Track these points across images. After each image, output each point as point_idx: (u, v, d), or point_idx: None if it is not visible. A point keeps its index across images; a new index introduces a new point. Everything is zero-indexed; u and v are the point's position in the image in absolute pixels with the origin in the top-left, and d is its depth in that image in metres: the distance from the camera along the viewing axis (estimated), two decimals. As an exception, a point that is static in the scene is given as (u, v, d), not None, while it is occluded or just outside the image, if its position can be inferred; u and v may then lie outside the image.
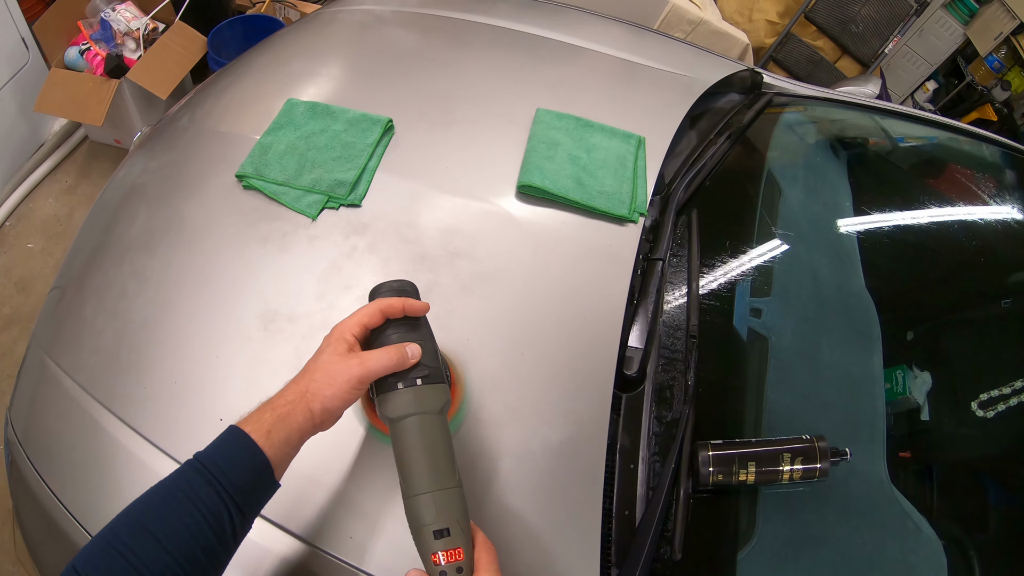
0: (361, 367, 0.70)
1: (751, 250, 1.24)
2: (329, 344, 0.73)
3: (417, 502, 0.69)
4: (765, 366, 1.12)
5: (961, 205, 1.51)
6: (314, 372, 0.71)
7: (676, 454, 0.94)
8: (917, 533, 1.01)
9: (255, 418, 0.68)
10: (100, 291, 1.08)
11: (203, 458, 0.65)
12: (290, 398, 0.69)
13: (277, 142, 1.20)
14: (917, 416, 1.13)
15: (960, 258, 1.42)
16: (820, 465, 0.92)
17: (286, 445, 0.67)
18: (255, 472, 0.65)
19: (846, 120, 1.72)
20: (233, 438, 0.66)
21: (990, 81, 3.75)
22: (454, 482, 0.71)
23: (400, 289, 0.80)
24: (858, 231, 1.39)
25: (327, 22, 1.60)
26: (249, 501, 0.65)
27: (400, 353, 0.72)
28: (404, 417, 0.72)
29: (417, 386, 0.73)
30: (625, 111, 1.37)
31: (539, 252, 1.10)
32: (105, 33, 2.45)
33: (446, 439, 0.73)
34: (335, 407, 0.70)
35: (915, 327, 1.29)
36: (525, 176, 1.16)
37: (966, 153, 1.73)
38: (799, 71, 3.03)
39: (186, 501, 0.62)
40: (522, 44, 1.53)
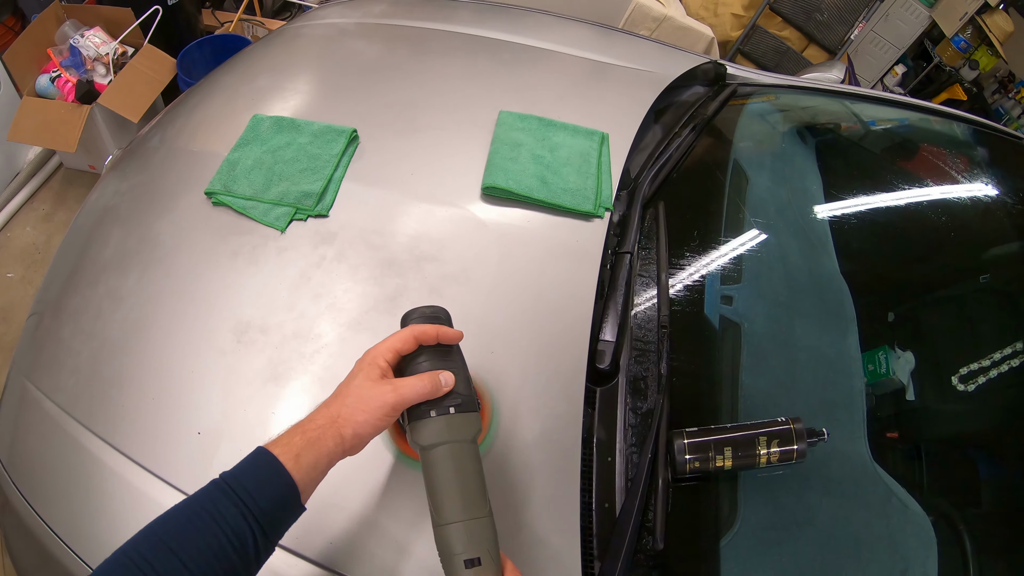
0: (395, 394, 0.69)
1: (720, 239, 1.25)
2: (362, 369, 0.72)
3: (448, 531, 0.68)
4: (739, 352, 1.13)
5: (933, 184, 1.53)
6: (346, 397, 0.70)
7: (652, 444, 0.94)
8: (903, 510, 1.02)
9: (284, 441, 0.67)
10: (77, 313, 1.09)
11: (229, 479, 0.65)
12: (320, 422, 0.68)
13: (244, 158, 1.21)
14: (902, 396, 1.14)
15: (936, 236, 1.43)
16: (797, 447, 0.92)
17: (314, 470, 0.67)
18: (281, 495, 0.65)
19: (811, 106, 1.74)
20: (261, 460, 0.66)
21: (958, 61, 3.80)
22: (485, 511, 0.71)
23: (433, 315, 0.79)
24: (829, 215, 1.40)
25: (292, 38, 1.61)
26: (274, 524, 0.65)
27: (434, 381, 0.72)
28: (436, 445, 0.71)
29: (450, 414, 0.72)
30: (589, 109, 1.39)
31: (506, 252, 1.11)
32: (75, 59, 2.44)
33: (478, 468, 0.73)
34: (366, 433, 0.69)
35: (895, 308, 1.30)
36: (489, 178, 1.17)
37: (933, 132, 1.75)
38: (767, 62, 3.06)
39: (210, 521, 0.61)
40: (485, 49, 1.54)
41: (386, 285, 1.05)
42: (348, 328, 1.01)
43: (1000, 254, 1.40)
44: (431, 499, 0.71)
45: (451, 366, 0.75)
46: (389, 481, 0.90)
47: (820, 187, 1.47)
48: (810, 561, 0.98)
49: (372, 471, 0.90)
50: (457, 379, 0.74)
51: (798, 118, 1.70)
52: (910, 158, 1.70)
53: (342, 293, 1.04)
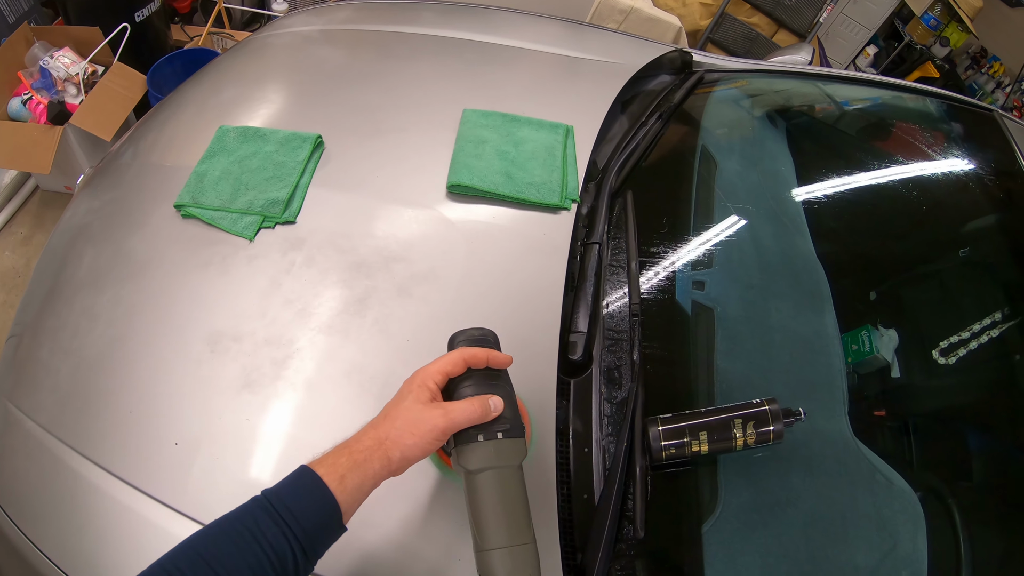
0: (446, 418, 0.69)
1: (689, 225, 1.26)
2: (411, 391, 0.71)
3: (491, 556, 0.68)
4: (712, 336, 1.13)
5: (907, 161, 1.52)
6: (395, 419, 0.69)
7: (628, 432, 0.94)
8: (888, 486, 1.01)
9: (330, 461, 0.66)
10: (54, 332, 1.09)
11: (272, 496, 0.64)
12: (368, 444, 0.68)
13: (212, 169, 1.21)
14: (888, 374, 1.13)
15: (914, 213, 1.43)
16: (773, 427, 0.92)
17: (358, 491, 0.66)
18: (324, 516, 0.64)
19: (780, 89, 1.75)
20: (305, 479, 0.65)
21: (929, 39, 3.83)
22: (529, 538, 0.70)
23: (481, 338, 0.79)
24: (802, 196, 1.40)
25: (256, 48, 1.62)
26: (315, 545, 0.64)
27: (484, 406, 0.71)
28: (482, 470, 0.71)
29: (498, 439, 0.72)
30: (554, 103, 1.39)
31: (473, 249, 1.11)
32: (45, 81, 2.43)
33: (523, 494, 0.72)
34: (414, 456, 0.69)
35: (877, 286, 1.30)
36: (454, 176, 1.18)
37: (905, 109, 1.76)
38: (737, 49, 3.07)
39: (251, 539, 0.61)
40: (449, 50, 1.55)
41: (355, 287, 1.05)
42: (319, 332, 1.01)
43: (978, 227, 1.40)
44: (475, 524, 0.70)
45: (500, 391, 0.75)
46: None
47: (792, 169, 1.46)
48: (795, 542, 0.98)
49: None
50: (506, 404, 0.74)
51: (767, 102, 1.70)
52: (882, 136, 1.70)
53: (312, 298, 1.04)
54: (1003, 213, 1.39)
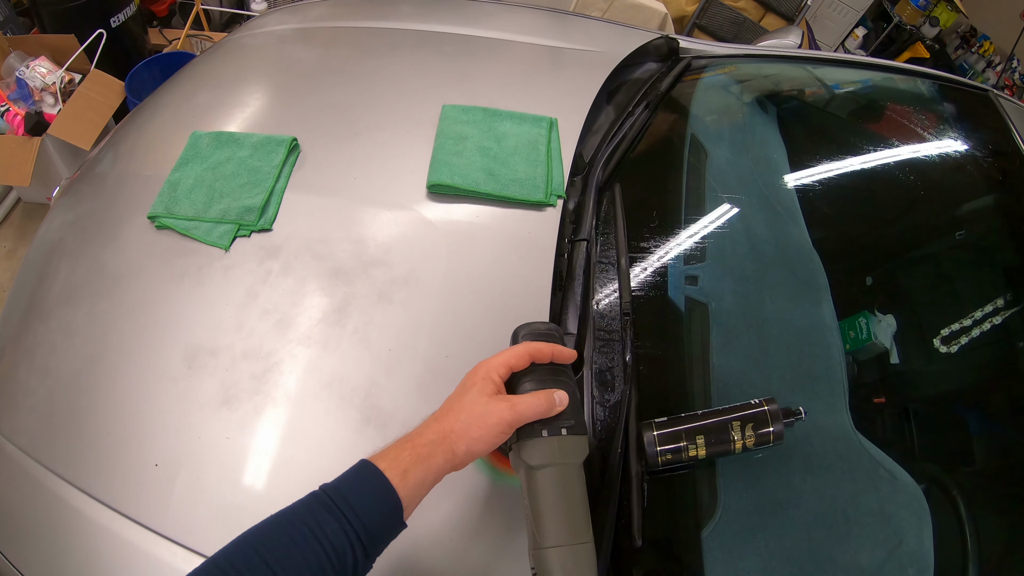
0: (512, 412, 0.67)
1: (680, 218, 1.22)
2: (475, 384, 0.70)
3: (551, 554, 0.67)
4: (707, 333, 1.09)
5: (900, 143, 1.49)
6: (460, 413, 0.68)
7: (622, 438, 0.91)
8: (892, 480, 0.98)
9: (392, 455, 0.65)
10: (31, 350, 1.07)
11: (332, 492, 0.62)
12: (432, 438, 0.66)
13: (185, 177, 1.18)
14: (887, 360, 1.10)
15: (908, 196, 1.39)
16: (773, 429, 0.88)
17: (421, 487, 0.65)
18: (386, 513, 0.63)
19: (770, 74, 1.71)
20: (367, 475, 0.64)
21: (918, 20, 3.79)
22: (588, 537, 0.69)
23: (547, 332, 0.78)
24: (795, 183, 1.36)
25: (230, 50, 1.58)
26: (375, 542, 0.63)
27: (550, 400, 0.70)
28: (545, 466, 0.69)
29: (562, 435, 0.71)
30: (537, 95, 1.35)
31: (455, 250, 1.08)
32: (22, 92, 2.39)
33: (584, 493, 0.71)
34: (480, 450, 0.67)
35: (873, 271, 1.26)
36: (434, 175, 1.14)
37: (896, 90, 1.72)
38: (724, 34, 3.03)
39: (311, 536, 0.59)
40: (426, 43, 1.51)
41: (334, 295, 1.02)
42: (298, 344, 0.98)
43: (976, 209, 1.38)
44: (535, 521, 0.69)
45: (564, 386, 0.73)
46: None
47: (784, 156, 1.43)
48: (798, 543, 0.95)
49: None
50: (570, 400, 0.73)
51: (756, 87, 1.66)
52: (875, 119, 1.66)
53: (290, 308, 1.01)
54: (1001, 194, 1.36)
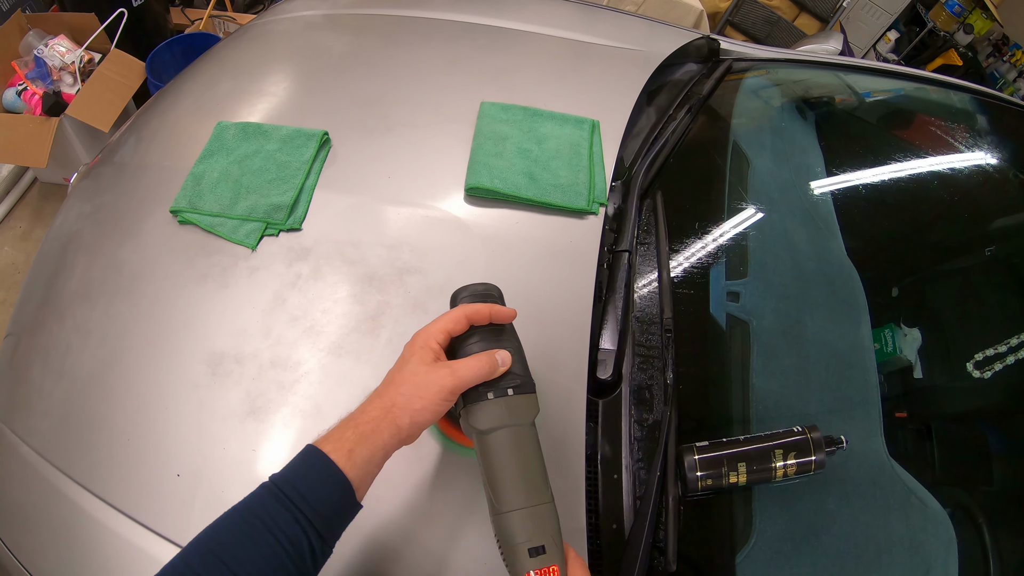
0: (453, 377, 0.66)
1: (723, 229, 1.18)
2: (414, 353, 0.68)
3: (510, 519, 0.65)
4: (748, 353, 1.05)
5: (935, 156, 1.45)
6: (400, 385, 0.66)
7: (661, 460, 0.88)
8: (923, 509, 0.97)
9: (335, 436, 0.63)
10: (45, 350, 1.03)
11: (280, 482, 0.61)
12: (374, 414, 0.64)
13: (210, 170, 1.13)
14: (910, 374, 1.09)
15: (939, 209, 1.36)
16: (815, 457, 0.86)
17: (369, 464, 0.63)
18: (336, 496, 0.61)
19: (810, 80, 1.66)
20: (313, 460, 0.62)
21: (952, 26, 3.72)
22: (548, 497, 0.67)
23: (485, 293, 0.76)
24: (833, 194, 1.32)
25: (256, 35, 1.53)
26: (330, 527, 0.62)
27: (491, 361, 0.68)
28: (495, 429, 0.67)
29: (508, 396, 0.69)
30: (576, 94, 1.30)
31: (494, 258, 1.03)
32: (40, 71, 2.35)
33: (538, 452, 0.69)
34: (424, 421, 0.66)
35: (899, 283, 1.24)
36: (472, 177, 1.08)
37: (937, 103, 1.67)
38: (757, 33, 2.96)
39: (264, 530, 0.58)
40: (460, 35, 1.45)
41: (367, 303, 0.97)
42: (328, 353, 0.93)
43: (1005, 225, 1.35)
44: (491, 486, 0.67)
45: (507, 345, 0.71)
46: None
47: (822, 165, 1.39)
48: (829, 571, 0.94)
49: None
50: (514, 359, 0.71)
51: (797, 93, 1.61)
52: (911, 130, 1.62)
53: (320, 315, 0.96)
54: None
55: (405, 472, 0.85)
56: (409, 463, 0.85)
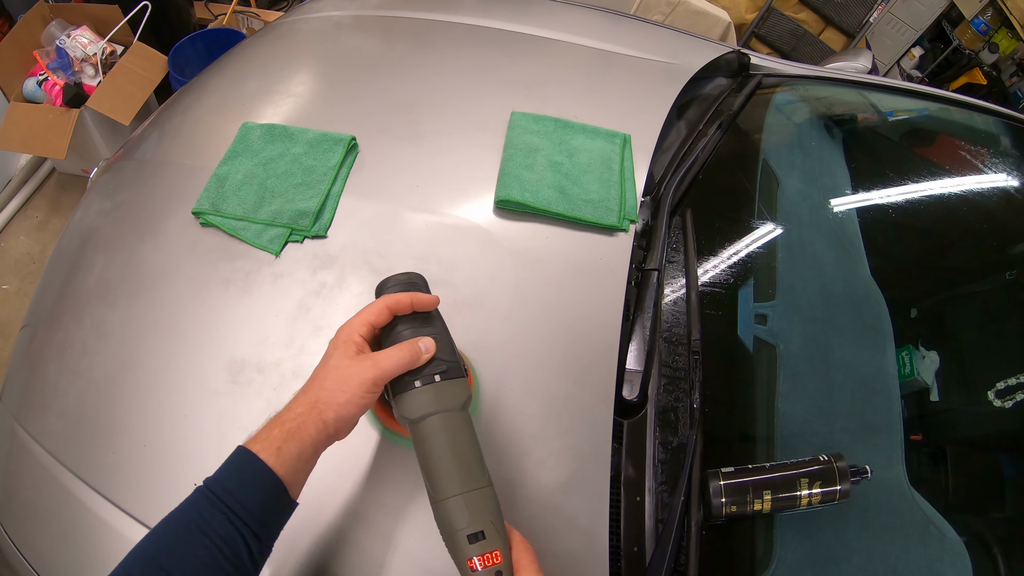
0: (375, 368, 0.66)
1: (752, 250, 1.16)
2: (337, 348, 0.68)
3: (447, 506, 0.65)
4: (775, 377, 1.04)
5: (959, 176, 1.45)
6: (324, 379, 0.66)
7: (685, 485, 0.87)
8: (941, 539, 0.96)
9: (263, 436, 0.63)
10: (62, 349, 1.01)
11: (213, 484, 0.61)
12: (300, 410, 0.64)
13: (234, 172, 1.11)
14: (927, 397, 1.09)
15: (960, 231, 1.36)
16: (840, 487, 0.86)
17: (299, 461, 0.63)
18: (268, 495, 0.62)
19: (839, 99, 1.64)
20: (242, 460, 0.62)
21: (977, 44, 3.67)
22: (485, 481, 0.67)
23: (408, 283, 0.75)
24: (860, 215, 1.31)
25: (284, 34, 1.51)
26: (265, 526, 0.62)
27: (413, 349, 0.68)
28: (425, 417, 0.67)
29: (436, 383, 0.68)
30: (607, 106, 1.28)
31: (522, 273, 1.01)
32: (62, 61, 2.35)
33: (472, 436, 0.69)
34: (350, 414, 0.66)
35: (918, 305, 1.24)
36: (503, 190, 1.06)
37: (969, 127, 1.64)
38: (783, 46, 2.94)
39: (199, 534, 0.58)
40: (491, 41, 1.43)
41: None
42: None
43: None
44: (426, 475, 0.67)
45: (431, 332, 0.71)
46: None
47: (849, 186, 1.38)
48: None
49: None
50: (439, 345, 0.70)
51: (825, 111, 1.59)
52: (937, 150, 1.60)
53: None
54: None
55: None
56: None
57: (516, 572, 0.64)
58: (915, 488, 0.98)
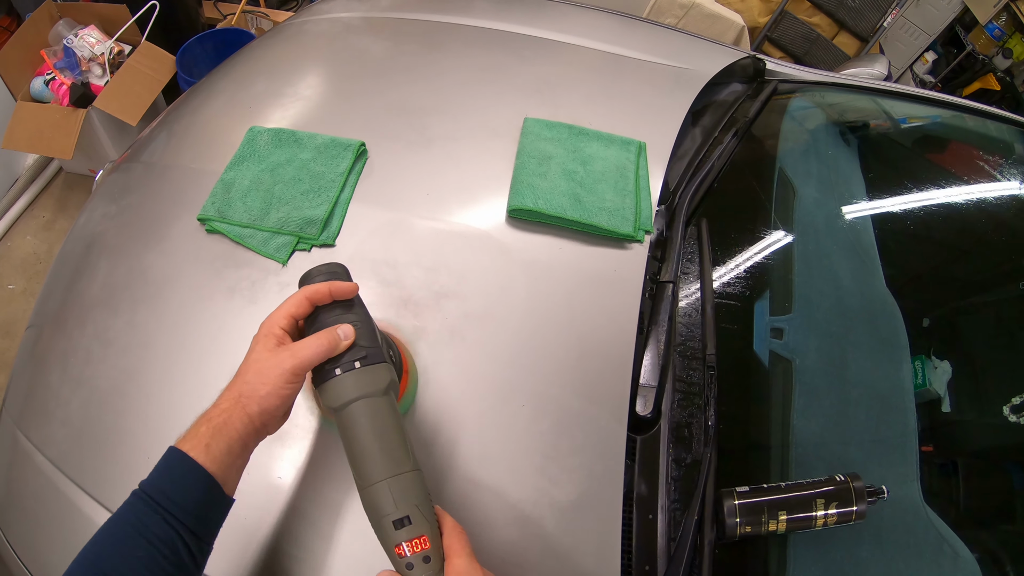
0: (293, 358, 0.66)
1: (768, 262, 1.14)
2: (258, 341, 0.69)
3: (373, 492, 0.64)
4: (790, 393, 1.02)
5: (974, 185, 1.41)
6: (245, 373, 0.67)
7: (699, 504, 0.85)
8: (955, 558, 0.94)
9: (191, 434, 0.64)
10: (65, 356, 1.00)
11: (146, 486, 0.62)
12: (224, 406, 0.65)
13: (240, 177, 1.09)
14: (938, 408, 1.07)
15: (974, 241, 1.35)
16: (856, 508, 0.84)
17: (229, 456, 0.64)
18: (202, 492, 0.62)
19: (856, 106, 1.61)
20: (173, 460, 0.63)
21: (991, 50, 3.63)
22: (410, 466, 0.66)
23: (329, 272, 0.75)
24: (875, 226, 1.28)
25: (292, 35, 1.49)
26: (202, 523, 0.63)
27: (332, 337, 0.68)
28: (347, 404, 0.67)
29: (356, 369, 0.68)
30: (620, 112, 1.26)
31: (535, 285, 0.98)
32: (69, 61, 2.34)
33: (396, 422, 0.68)
34: (272, 406, 0.66)
35: (931, 314, 1.22)
36: (516, 198, 1.04)
37: (985, 135, 1.62)
38: (796, 50, 2.91)
39: (136, 536, 0.59)
40: (502, 44, 1.41)
41: (402, 328, 0.93)
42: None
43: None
44: (352, 462, 0.67)
45: (351, 319, 0.71)
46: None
47: (864, 195, 1.35)
48: None
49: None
50: (359, 332, 0.70)
51: (841, 119, 1.57)
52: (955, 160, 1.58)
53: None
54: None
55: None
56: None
57: (447, 557, 0.63)
58: (929, 505, 0.97)
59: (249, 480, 0.69)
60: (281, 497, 0.83)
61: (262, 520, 0.82)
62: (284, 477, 0.84)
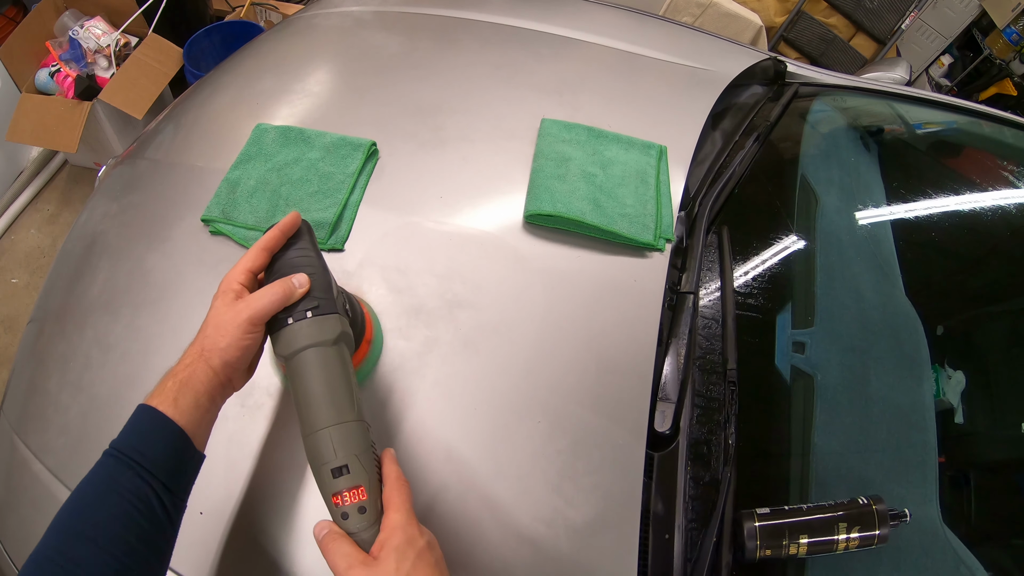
0: (248, 308, 0.67)
1: (790, 274, 1.10)
2: (217, 297, 0.70)
3: (314, 440, 0.64)
4: (812, 409, 0.99)
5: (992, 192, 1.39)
6: (206, 328, 0.68)
7: (717, 524, 0.82)
8: None
9: (159, 390, 0.65)
10: (64, 361, 0.97)
11: (117, 443, 0.63)
12: (188, 360, 0.67)
13: (246, 177, 1.06)
14: (951, 419, 1.06)
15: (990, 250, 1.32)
16: (879, 532, 0.82)
17: (196, 410, 0.65)
18: (172, 445, 0.63)
19: (878, 111, 1.57)
20: (142, 416, 0.64)
21: (1008, 54, 3.58)
22: (353, 416, 0.66)
23: None
24: (896, 237, 1.25)
25: (302, 29, 1.45)
26: (174, 477, 0.63)
27: (286, 286, 0.68)
28: (297, 352, 0.67)
29: (308, 319, 0.68)
30: (640, 114, 1.22)
31: (551, 295, 0.94)
32: (75, 52, 2.31)
33: (344, 372, 0.68)
34: (233, 358, 0.67)
35: (944, 323, 1.19)
36: (533, 203, 1.00)
37: (1008, 144, 1.58)
38: (812, 51, 2.86)
39: (109, 492, 0.60)
40: (519, 41, 1.37)
41: (413, 338, 0.89)
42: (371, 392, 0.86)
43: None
44: (298, 410, 0.67)
45: (306, 269, 0.71)
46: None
47: (885, 204, 1.32)
48: None
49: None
50: (314, 282, 0.70)
51: (862, 124, 1.53)
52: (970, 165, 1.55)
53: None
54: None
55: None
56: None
57: (385, 510, 0.63)
58: (946, 524, 0.95)
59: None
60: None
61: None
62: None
